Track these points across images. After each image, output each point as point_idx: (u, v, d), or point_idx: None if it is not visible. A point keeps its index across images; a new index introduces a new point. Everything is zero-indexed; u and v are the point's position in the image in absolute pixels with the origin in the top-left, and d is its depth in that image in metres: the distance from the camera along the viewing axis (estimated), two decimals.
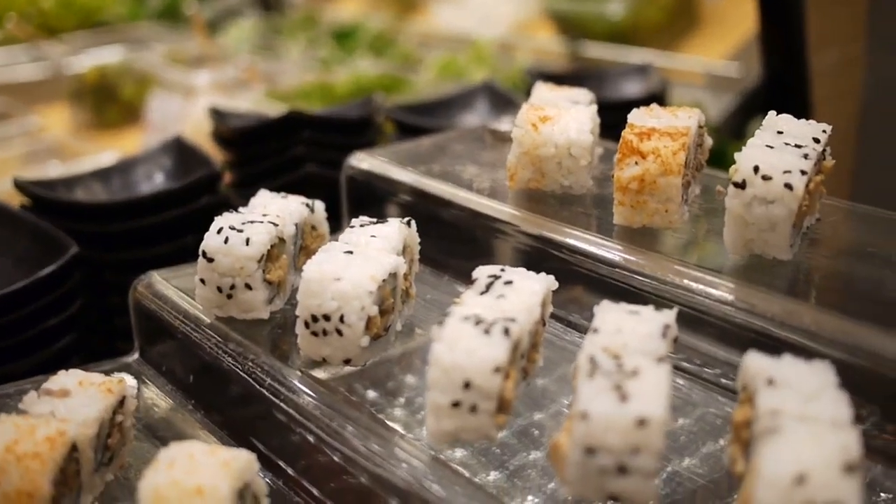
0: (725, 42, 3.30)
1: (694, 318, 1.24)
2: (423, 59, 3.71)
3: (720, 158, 1.51)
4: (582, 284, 1.39)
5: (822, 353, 1.09)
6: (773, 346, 1.12)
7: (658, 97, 2.41)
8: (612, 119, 1.56)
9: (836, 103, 2.56)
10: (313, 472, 1.23)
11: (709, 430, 1.30)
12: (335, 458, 1.18)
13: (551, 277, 1.19)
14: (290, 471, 1.26)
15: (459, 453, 1.29)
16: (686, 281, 1.26)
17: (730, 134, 2.76)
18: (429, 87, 3.18)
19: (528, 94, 1.69)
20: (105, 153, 2.83)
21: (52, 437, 1.06)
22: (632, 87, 2.66)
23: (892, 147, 2.50)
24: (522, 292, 1.13)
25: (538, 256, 1.44)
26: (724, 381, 1.29)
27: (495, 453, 1.29)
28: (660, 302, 1.24)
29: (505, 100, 2.49)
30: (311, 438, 1.22)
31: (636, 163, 1.28)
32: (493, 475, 1.26)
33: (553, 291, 1.21)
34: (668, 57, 3.32)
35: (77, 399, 1.15)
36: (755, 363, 0.98)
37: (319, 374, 1.30)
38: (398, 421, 1.40)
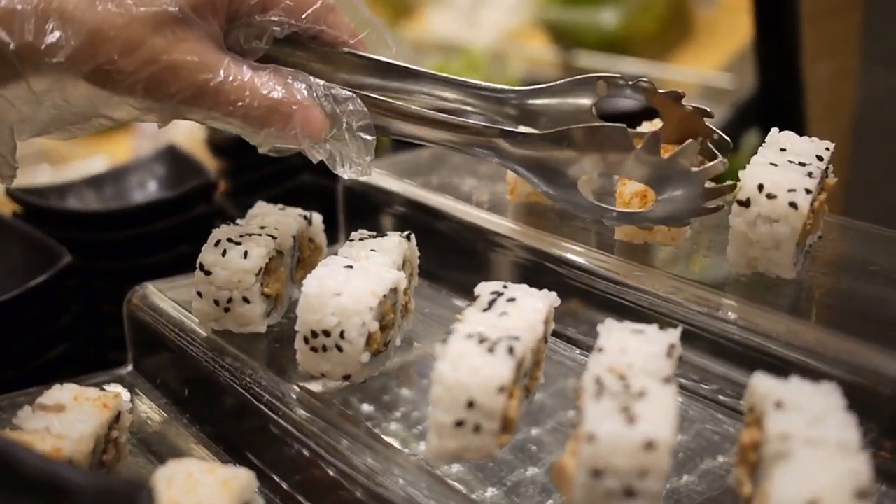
0: (719, 53, 3.30)
1: (695, 335, 1.23)
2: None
3: None
4: (582, 300, 1.38)
5: (824, 371, 1.08)
6: (775, 365, 1.12)
7: (654, 110, 2.40)
8: None
9: (830, 116, 2.56)
10: (309, 487, 1.22)
11: (707, 446, 1.29)
12: (331, 473, 1.17)
13: (553, 294, 1.18)
14: (284, 485, 1.25)
15: (456, 468, 1.27)
16: (688, 298, 1.25)
17: None
18: None
19: None
20: (95, 157, 2.82)
21: (47, 454, 1.04)
22: (627, 99, 2.65)
23: (886, 160, 2.51)
24: (525, 310, 1.11)
25: (537, 271, 1.43)
26: (721, 397, 1.28)
27: (492, 469, 1.28)
28: (661, 319, 1.23)
29: None
30: (307, 453, 1.20)
31: None
32: (490, 491, 1.25)
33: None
34: (661, 67, 3.32)
35: (72, 415, 1.13)
36: (763, 385, 0.97)
37: (316, 388, 1.29)
38: (394, 435, 1.38)
